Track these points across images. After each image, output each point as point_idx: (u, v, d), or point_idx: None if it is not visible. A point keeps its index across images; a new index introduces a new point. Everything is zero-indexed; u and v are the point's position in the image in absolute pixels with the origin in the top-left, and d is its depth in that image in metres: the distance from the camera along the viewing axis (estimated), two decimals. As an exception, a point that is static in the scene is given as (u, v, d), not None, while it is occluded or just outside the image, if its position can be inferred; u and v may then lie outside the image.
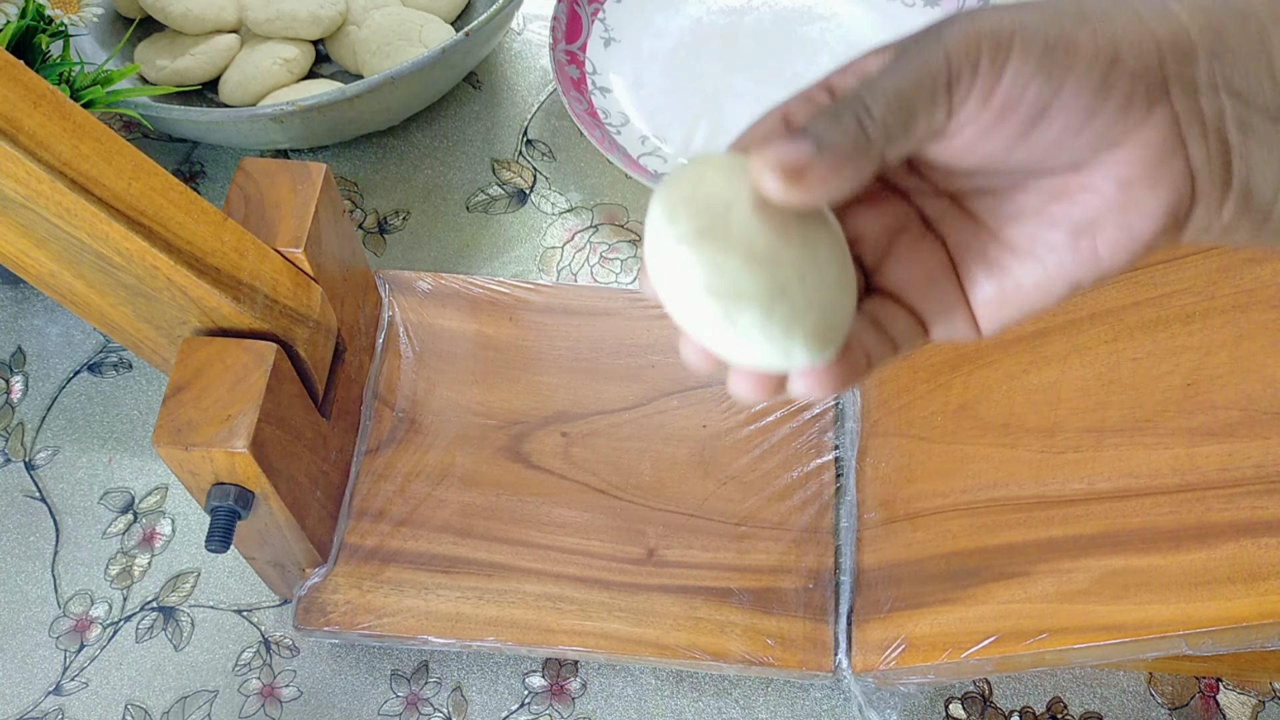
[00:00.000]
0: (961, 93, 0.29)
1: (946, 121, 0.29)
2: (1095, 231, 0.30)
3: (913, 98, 0.28)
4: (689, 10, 0.78)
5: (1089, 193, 0.30)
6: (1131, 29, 0.29)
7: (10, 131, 0.38)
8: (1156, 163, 0.29)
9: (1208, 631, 0.42)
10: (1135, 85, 0.28)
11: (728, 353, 0.30)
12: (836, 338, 0.30)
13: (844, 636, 0.53)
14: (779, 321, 0.29)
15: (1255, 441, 0.45)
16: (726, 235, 0.29)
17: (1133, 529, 0.46)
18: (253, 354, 0.46)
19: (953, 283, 0.33)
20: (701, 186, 0.30)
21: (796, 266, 0.29)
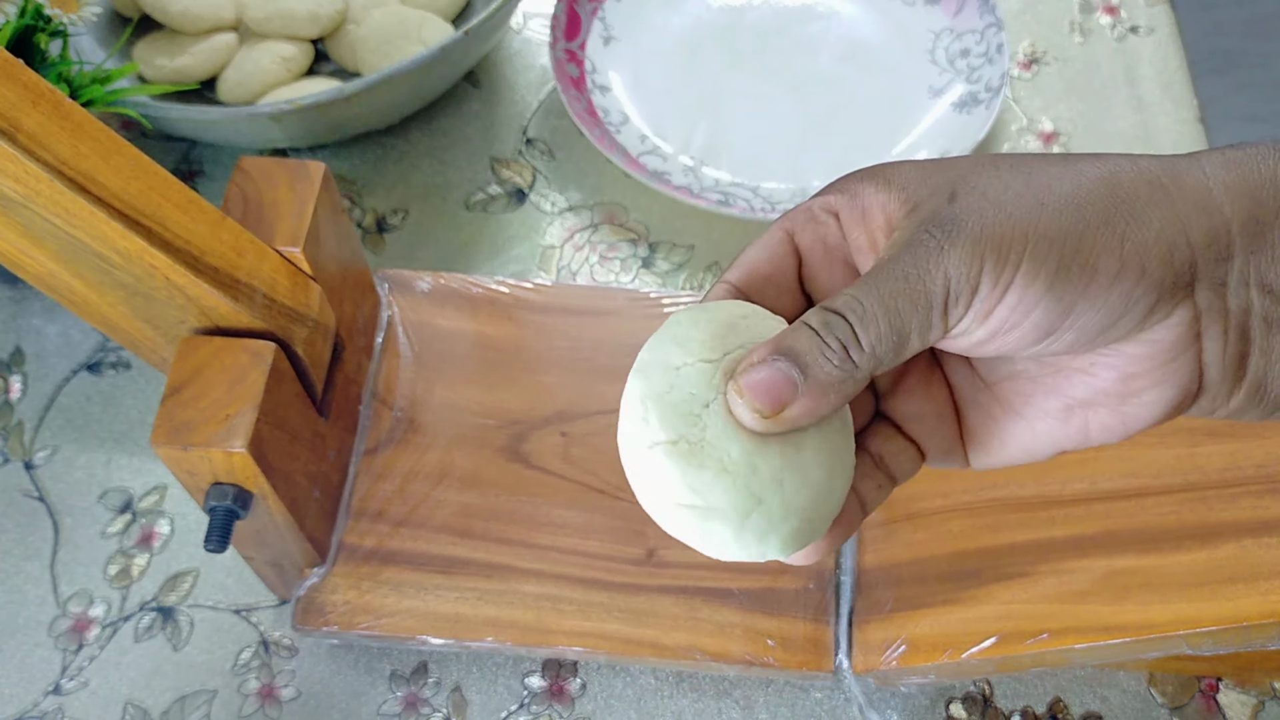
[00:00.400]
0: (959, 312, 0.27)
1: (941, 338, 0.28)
2: (1089, 411, 0.29)
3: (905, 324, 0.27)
4: (689, 9, 0.78)
5: (1089, 377, 0.28)
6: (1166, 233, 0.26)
7: (9, 130, 0.38)
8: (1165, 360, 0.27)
9: (1208, 631, 0.42)
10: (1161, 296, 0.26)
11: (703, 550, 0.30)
12: (818, 532, 0.30)
13: (844, 637, 0.52)
14: (752, 531, 0.29)
15: (1256, 441, 0.45)
16: (700, 444, 0.28)
17: (1134, 529, 0.46)
18: (251, 354, 0.46)
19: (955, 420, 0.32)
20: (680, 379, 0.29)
21: (774, 473, 0.28)
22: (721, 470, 0.28)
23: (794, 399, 0.27)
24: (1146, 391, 0.27)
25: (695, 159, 0.71)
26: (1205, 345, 0.27)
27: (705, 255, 0.69)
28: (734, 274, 0.32)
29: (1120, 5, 0.80)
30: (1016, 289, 0.26)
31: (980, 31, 0.74)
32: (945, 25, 0.75)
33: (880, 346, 0.27)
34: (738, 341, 0.29)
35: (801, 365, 0.27)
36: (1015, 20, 0.80)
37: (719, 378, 0.29)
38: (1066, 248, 0.26)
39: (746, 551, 0.29)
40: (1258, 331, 0.27)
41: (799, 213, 0.31)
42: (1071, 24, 0.80)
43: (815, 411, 0.28)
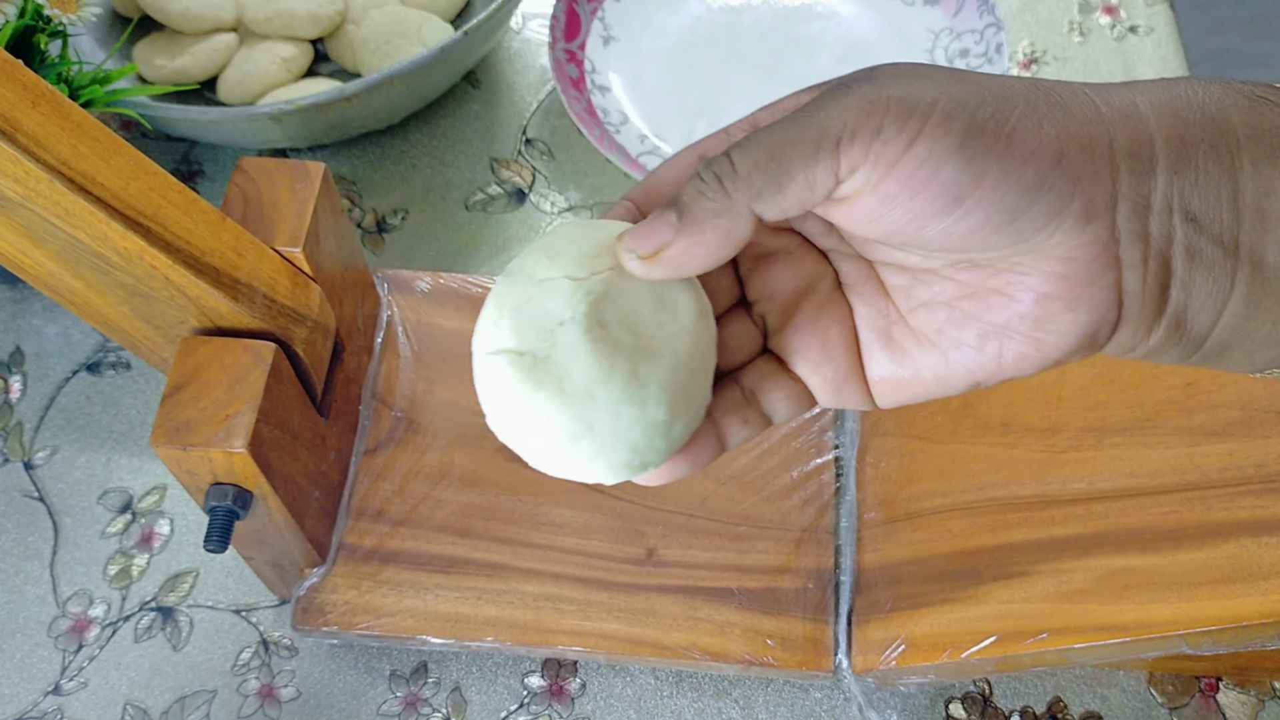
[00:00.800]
0: (855, 154, 0.26)
1: (834, 182, 0.26)
2: (1004, 338, 0.28)
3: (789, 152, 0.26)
4: (688, 9, 0.78)
5: (1004, 298, 0.27)
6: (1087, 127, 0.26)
7: (9, 131, 0.38)
8: (1082, 282, 0.26)
9: (1208, 631, 0.42)
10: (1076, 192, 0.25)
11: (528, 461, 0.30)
12: (650, 464, 0.30)
13: (844, 636, 0.52)
14: (578, 455, 0.29)
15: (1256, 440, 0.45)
16: (545, 360, 0.28)
17: (1133, 528, 0.46)
18: (251, 354, 0.46)
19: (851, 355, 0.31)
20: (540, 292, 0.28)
21: (612, 404, 0.28)
22: (559, 390, 0.28)
23: (674, 238, 0.27)
24: (1062, 315, 0.27)
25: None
26: (1124, 273, 0.26)
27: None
28: (636, 191, 0.31)
29: (1119, 5, 0.80)
30: (925, 140, 0.25)
31: (980, 31, 0.74)
32: (944, 25, 0.75)
33: (757, 175, 0.26)
34: (609, 264, 0.29)
35: (680, 207, 0.27)
36: (1015, 20, 0.80)
37: (579, 297, 0.28)
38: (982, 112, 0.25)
39: (569, 471, 0.29)
40: (1179, 262, 0.26)
41: (716, 134, 0.31)
42: (1071, 24, 0.80)
43: (694, 250, 0.27)
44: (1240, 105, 0.26)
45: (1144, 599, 0.44)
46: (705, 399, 0.30)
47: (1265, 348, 0.27)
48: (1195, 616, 0.42)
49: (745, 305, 0.32)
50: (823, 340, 0.31)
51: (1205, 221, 0.26)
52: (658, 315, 0.29)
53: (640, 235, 0.28)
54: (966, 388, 0.29)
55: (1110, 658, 0.45)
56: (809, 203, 0.27)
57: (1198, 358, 0.28)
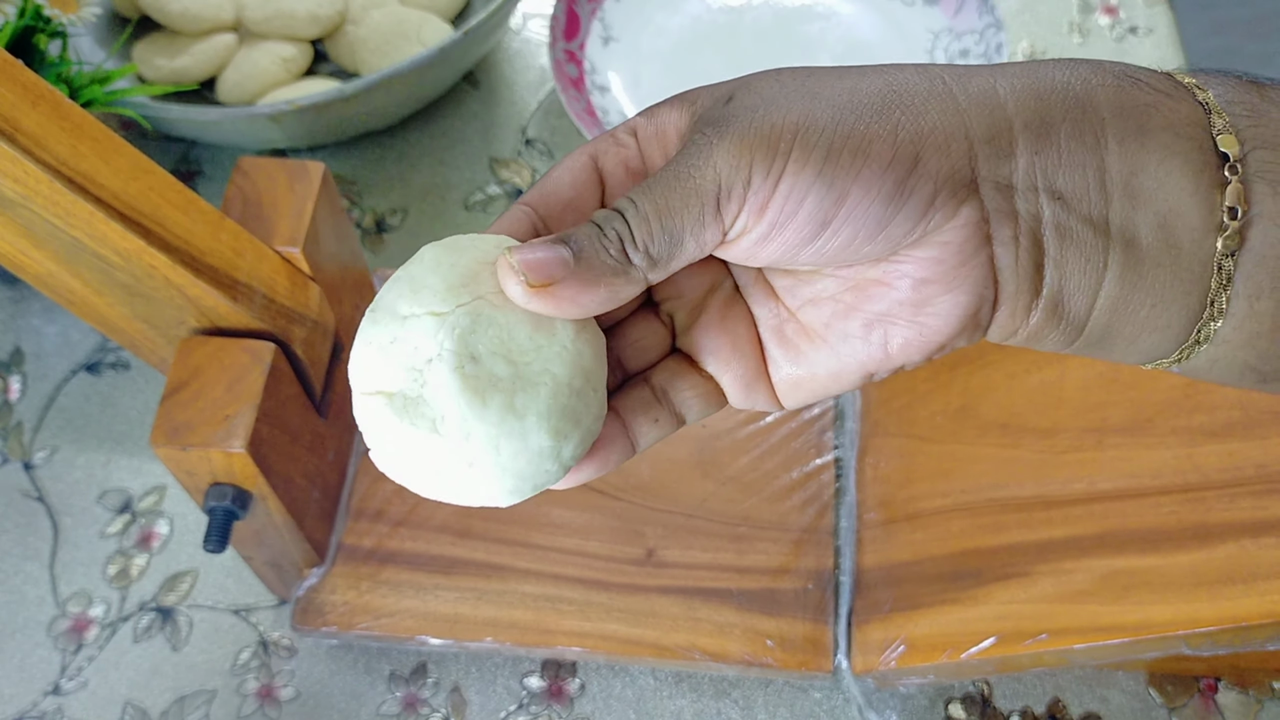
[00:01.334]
0: (734, 209, 0.26)
1: (720, 239, 0.27)
2: (887, 326, 0.28)
3: (678, 222, 0.27)
4: (688, 9, 0.78)
5: (883, 287, 0.28)
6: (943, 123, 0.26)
7: (8, 131, 0.38)
8: (956, 264, 0.26)
9: (1208, 632, 0.42)
10: (938, 188, 0.26)
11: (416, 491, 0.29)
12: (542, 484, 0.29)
13: (844, 637, 0.52)
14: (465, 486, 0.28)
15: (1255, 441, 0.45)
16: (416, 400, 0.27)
17: (1133, 529, 0.46)
18: (250, 354, 0.46)
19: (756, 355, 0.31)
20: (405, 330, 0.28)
21: (490, 439, 0.27)
22: (433, 431, 0.27)
23: (564, 277, 0.27)
24: (940, 298, 0.27)
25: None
26: (997, 250, 0.26)
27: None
28: (533, 195, 0.30)
29: (1119, 5, 0.80)
30: (788, 177, 0.26)
31: (979, 32, 0.74)
32: (944, 25, 0.75)
33: (654, 246, 0.27)
34: (476, 293, 0.28)
35: (577, 249, 0.27)
36: (1014, 20, 0.80)
37: (445, 333, 0.27)
38: (837, 134, 0.25)
39: (458, 500, 0.29)
40: (1051, 241, 0.26)
41: (604, 137, 0.31)
42: (1070, 24, 0.80)
43: (581, 296, 0.27)
44: (1107, 85, 0.26)
45: (1144, 600, 0.44)
46: (597, 413, 0.30)
47: (1147, 333, 0.27)
48: (1195, 617, 0.42)
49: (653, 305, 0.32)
50: (731, 339, 0.31)
51: (1072, 200, 0.26)
52: (534, 339, 0.28)
53: (532, 262, 0.27)
54: (860, 379, 0.30)
55: (1110, 658, 0.45)
56: (698, 259, 0.28)
57: (1081, 343, 0.28)
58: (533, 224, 0.30)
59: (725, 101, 0.28)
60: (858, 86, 0.26)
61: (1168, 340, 0.28)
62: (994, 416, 0.53)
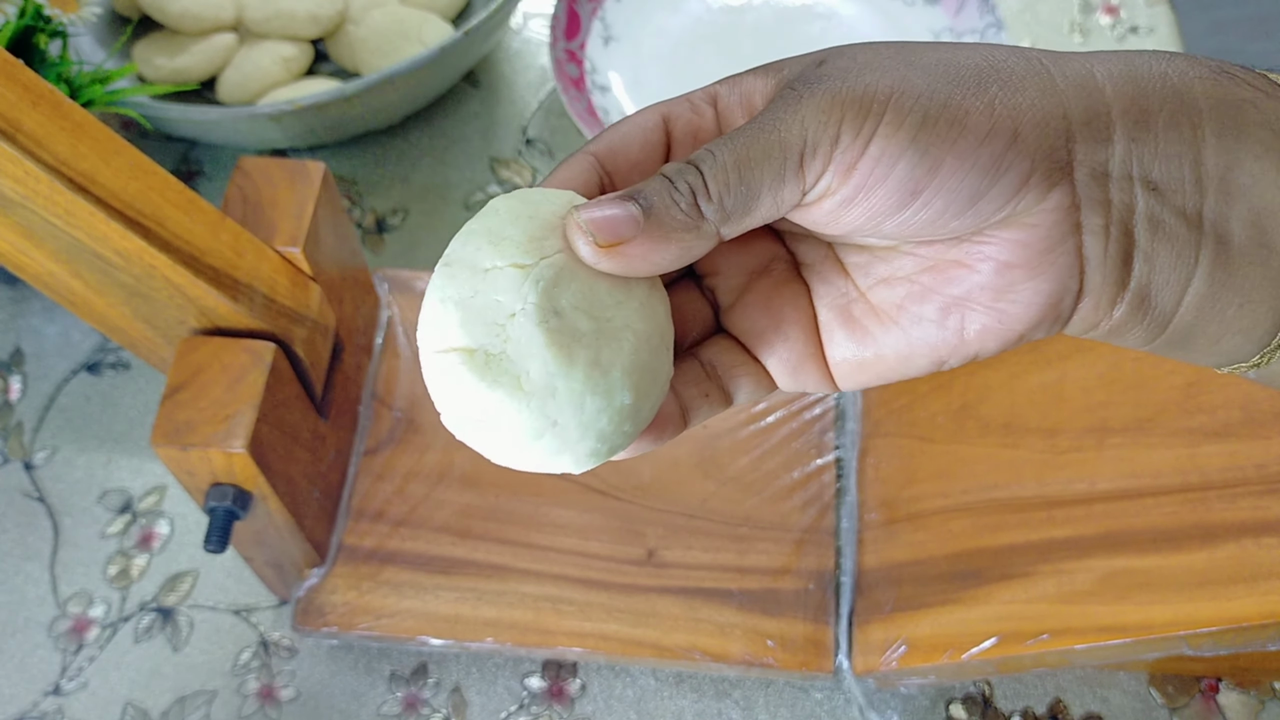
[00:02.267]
0: (818, 166, 0.25)
1: (799, 198, 0.26)
2: (965, 311, 0.27)
3: (757, 174, 0.26)
4: (689, 9, 0.78)
5: (965, 269, 0.27)
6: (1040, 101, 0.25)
7: (9, 131, 0.38)
8: (1043, 249, 0.26)
9: (1209, 632, 0.42)
10: (1034, 166, 0.25)
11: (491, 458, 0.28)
12: (617, 449, 0.28)
13: (845, 638, 0.52)
14: (543, 450, 0.27)
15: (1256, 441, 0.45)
16: (499, 357, 0.26)
17: (1134, 529, 0.46)
18: (251, 354, 0.46)
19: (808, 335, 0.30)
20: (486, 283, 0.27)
21: (575, 396, 0.26)
22: (516, 388, 0.26)
23: (634, 236, 0.26)
24: (1023, 285, 0.26)
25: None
26: (1085, 239, 0.26)
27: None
28: (599, 146, 0.29)
29: (1120, 5, 0.80)
30: (880, 139, 0.25)
31: (980, 32, 0.73)
32: (945, 25, 0.75)
33: (729, 198, 0.26)
34: (558, 246, 0.27)
35: (646, 206, 0.26)
36: (1015, 20, 0.80)
37: (529, 286, 0.26)
38: (933, 102, 0.25)
39: (533, 466, 0.28)
40: (1142, 232, 0.26)
41: (679, 100, 0.30)
42: (1071, 24, 0.80)
43: (653, 255, 0.26)
44: (1205, 78, 0.26)
45: (1145, 600, 0.44)
46: (669, 373, 0.29)
47: (1230, 334, 0.27)
48: (1196, 617, 0.42)
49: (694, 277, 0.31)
50: (777, 321, 0.30)
51: (1167, 191, 0.25)
52: (613, 293, 0.27)
53: (601, 222, 0.26)
54: (931, 366, 0.29)
55: (1111, 659, 0.45)
56: (773, 219, 0.27)
57: (1163, 341, 0.27)
58: (599, 176, 0.29)
59: (817, 65, 0.27)
60: (954, 59, 0.26)
61: (1250, 343, 0.27)
62: (995, 416, 0.53)
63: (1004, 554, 0.49)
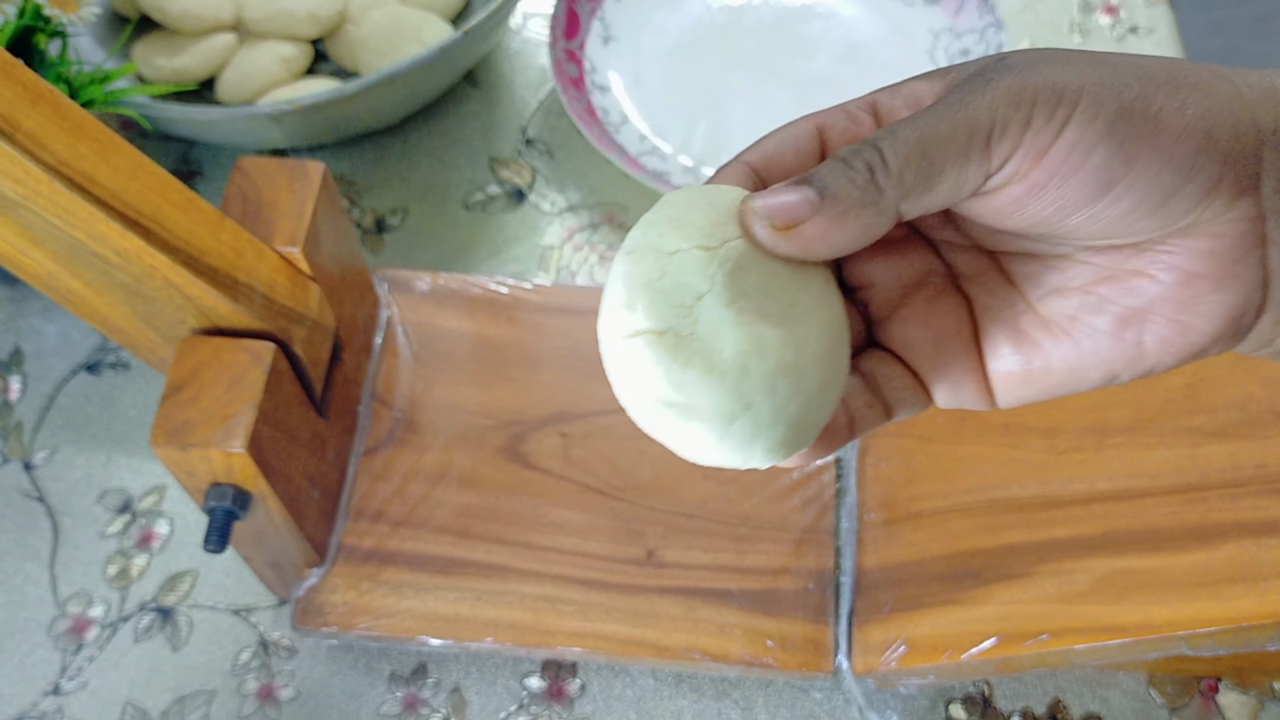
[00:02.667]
0: (1006, 148, 0.25)
1: (983, 180, 0.25)
2: (1144, 323, 0.26)
3: (941, 151, 0.25)
4: (688, 8, 0.78)
5: (1145, 279, 0.26)
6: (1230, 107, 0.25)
7: (8, 130, 0.38)
8: (1230, 260, 0.25)
9: (1209, 632, 0.42)
10: (1225, 170, 0.24)
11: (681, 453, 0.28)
12: (805, 440, 0.27)
13: (844, 638, 0.52)
14: (737, 437, 0.26)
15: (1256, 441, 0.45)
16: (689, 338, 0.26)
17: (1134, 529, 0.46)
18: (250, 354, 0.46)
19: (968, 349, 0.29)
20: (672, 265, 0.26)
21: (768, 377, 0.26)
22: (709, 369, 0.26)
23: (810, 216, 0.25)
24: (1209, 296, 0.25)
25: (695, 159, 0.71)
26: (1271, 252, 0.25)
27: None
28: (755, 155, 0.29)
29: (1120, 5, 0.80)
30: (1076, 125, 0.24)
31: (980, 31, 0.73)
32: (945, 25, 0.75)
33: (910, 173, 0.25)
34: (736, 233, 0.27)
35: (822, 187, 0.25)
36: (1015, 20, 0.80)
37: (715, 267, 0.26)
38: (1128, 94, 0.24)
39: (728, 458, 0.27)
40: None
41: (834, 110, 0.29)
42: (1071, 24, 0.80)
43: (831, 234, 0.25)
44: None
45: (1145, 600, 0.44)
46: (847, 366, 0.28)
47: None
48: (1196, 618, 0.42)
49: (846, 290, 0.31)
50: (935, 335, 0.29)
51: None
52: (793, 279, 0.27)
53: (777, 205, 0.26)
54: (1103, 380, 0.28)
55: (1111, 659, 0.45)
56: (954, 200, 0.26)
57: None
58: (754, 185, 0.29)
59: (999, 60, 0.26)
60: (1141, 62, 0.25)
61: None
62: (995, 417, 0.53)
63: (1004, 554, 0.49)
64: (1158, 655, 0.45)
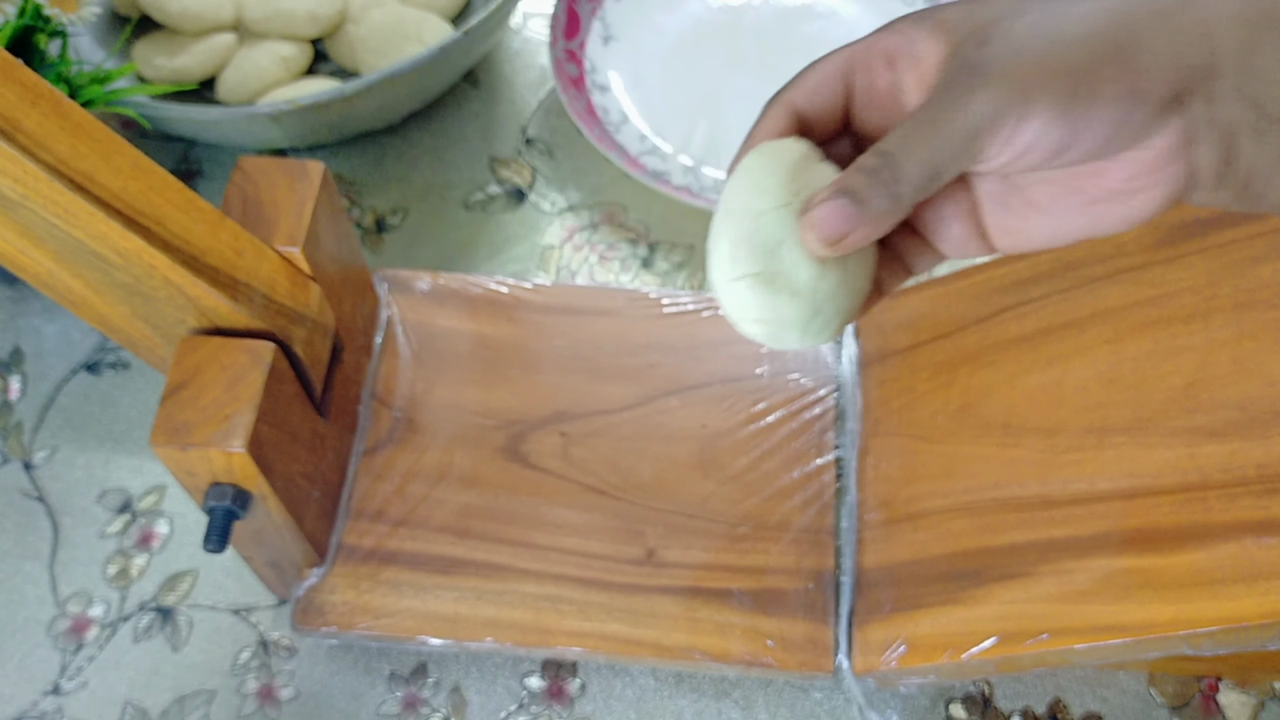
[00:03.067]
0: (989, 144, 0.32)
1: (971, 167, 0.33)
2: (1102, 205, 0.34)
3: (945, 160, 0.33)
4: (688, 9, 0.78)
5: (1101, 179, 0.33)
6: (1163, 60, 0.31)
7: (8, 130, 0.38)
8: (1163, 164, 0.32)
9: (1209, 632, 0.42)
10: (1157, 110, 0.31)
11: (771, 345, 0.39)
12: (856, 316, 0.39)
13: (844, 637, 0.52)
14: (813, 332, 0.38)
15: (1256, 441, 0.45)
16: (777, 274, 0.36)
17: (1134, 529, 0.46)
18: (250, 354, 0.46)
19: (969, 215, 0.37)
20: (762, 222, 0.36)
21: (831, 291, 0.37)
22: (794, 294, 0.37)
23: (853, 229, 0.34)
24: (1147, 190, 0.33)
25: (695, 159, 0.71)
26: (1198, 151, 0.32)
27: (705, 255, 0.69)
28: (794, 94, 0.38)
29: (1120, 5, 0.80)
30: (1036, 120, 0.31)
31: (980, 31, 0.73)
32: (945, 25, 0.75)
33: (920, 179, 0.33)
34: (803, 185, 0.36)
35: (857, 201, 0.33)
36: (1015, 20, 0.79)
37: (790, 219, 0.36)
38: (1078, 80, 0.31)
39: (805, 344, 0.38)
40: (1246, 140, 0.31)
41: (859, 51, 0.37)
42: (1071, 24, 0.79)
43: (870, 236, 0.34)
44: None
45: (1145, 600, 0.44)
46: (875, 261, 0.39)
47: None
48: (1196, 617, 0.42)
49: None
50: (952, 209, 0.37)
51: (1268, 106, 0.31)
52: None
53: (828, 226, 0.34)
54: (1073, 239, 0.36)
55: (1111, 658, 0.45)
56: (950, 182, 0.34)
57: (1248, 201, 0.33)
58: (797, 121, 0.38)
59: (980, 44, 0.33)
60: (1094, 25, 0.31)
61: None
62: (995, 416, 0.53)
63: (1004, 554, 0.49)
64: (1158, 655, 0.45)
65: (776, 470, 0.57)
